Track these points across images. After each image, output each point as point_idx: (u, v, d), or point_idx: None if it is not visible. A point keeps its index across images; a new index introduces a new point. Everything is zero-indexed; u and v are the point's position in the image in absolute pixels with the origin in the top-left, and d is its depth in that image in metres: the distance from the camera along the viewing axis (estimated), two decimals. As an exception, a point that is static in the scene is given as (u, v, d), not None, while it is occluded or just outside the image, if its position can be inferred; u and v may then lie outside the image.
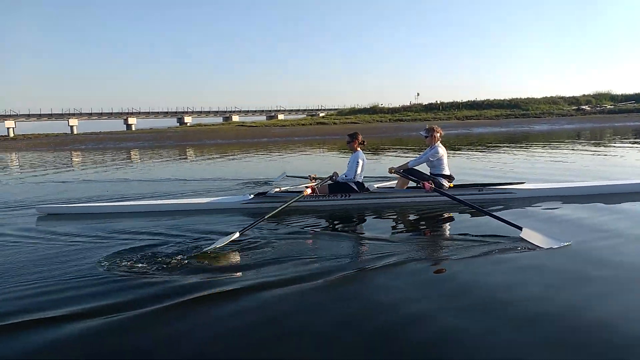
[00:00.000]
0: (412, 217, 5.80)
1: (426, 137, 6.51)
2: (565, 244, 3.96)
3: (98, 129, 60.29)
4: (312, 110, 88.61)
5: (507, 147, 18.15)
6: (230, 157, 18.86)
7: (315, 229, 5.22)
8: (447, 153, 6.48)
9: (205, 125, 57.27)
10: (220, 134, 41.03)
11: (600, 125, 37.74)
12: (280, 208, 5.21)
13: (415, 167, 6.36)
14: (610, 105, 53.15)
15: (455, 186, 6.47)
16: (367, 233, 5.02)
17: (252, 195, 6.54)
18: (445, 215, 5.72)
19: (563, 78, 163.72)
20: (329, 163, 14.58)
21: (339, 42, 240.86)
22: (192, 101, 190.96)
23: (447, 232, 5.00)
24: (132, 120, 77.11)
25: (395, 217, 5.77)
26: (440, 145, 6.43)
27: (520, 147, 17.90)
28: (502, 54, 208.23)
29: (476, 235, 4.50)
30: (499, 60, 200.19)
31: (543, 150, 15.59)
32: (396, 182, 6.64)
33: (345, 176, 6.52)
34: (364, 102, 62.25)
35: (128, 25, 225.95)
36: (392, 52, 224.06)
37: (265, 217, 4.90)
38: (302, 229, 5.22)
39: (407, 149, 19.38)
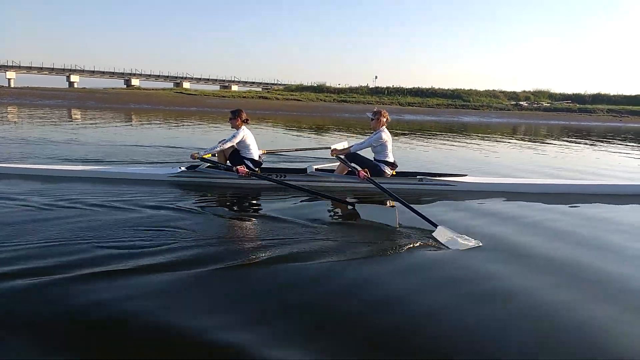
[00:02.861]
0: (342, 204, 5.56)
1: (372, 119, 6.24)
2: (475, 245, 3.89)
3: (38, 85, 57.52)
4: (267, 84, 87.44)
5: (423, 136, 18.36)
6: (138, 123, 18.26)
7: (234, 212, 5.15)
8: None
9: (143, 89, 55.53)
10: (153, 99, 39.74)
11: (527, 121, 38.91)
12: (296, 186, 5.19)
13: (357, 152, 6.10)
14: (547, 103, 54.79)
15: (398, 174, 6.28)
16: (286, 220, 4.56)
17: (182, 168, 6.23)
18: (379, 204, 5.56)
19: (514, 73, 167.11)
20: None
21: (305, 17, 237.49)
22: (142, 64, 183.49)
23: (369, 223, 4.65)
24: (74, 78, 73.89)
25: (326, 202, 5.46)
26: (385, 130, 6.16)
27: (432, 137, 18.11)
28: (467, 43, 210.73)
29: (395, 229, 4.34)
30: (464, 49, 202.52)
31: (461, 143, 15.82)
32: (338, 164, 6.28)
33: (217, 147, 6.12)
34: (323, 80, 61.28)
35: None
36: (361, 31, 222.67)
37: (326, 195, 4.94)
38: (212, 211, 5.05)
39: (338, 130, 19.28)
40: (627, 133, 26.01)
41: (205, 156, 5.98)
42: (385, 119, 6.21)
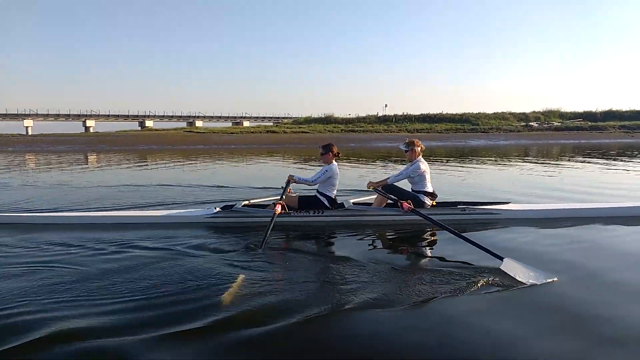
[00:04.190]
0: (388, 239, 5.39)
1: (406, 151, 6.13)
2: (550, 280, 3.55)
3: (54, 131, 59.21)
4: (278, 118, 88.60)
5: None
6: (142, 164, 18.50)
7: (283, 253, 4.79)
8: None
9: (154, 130, 56.76)
10: (162, 139, 40.38)
11: (536, 142, 38.49)
12: (268, 232, 4.73)
13: (395, 184, 5.99)
14: (558, 122, 54.30)
15: (438, 204, 6.10)
16: (338, 259, 4.36)
17: (217, 209, 6.08)
18: (424, 238, 5.36)
19: (525, 93, 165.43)
20: (226, 175, 14.31)
21: (314, 50, 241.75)
22: (156, 105, 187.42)
23: (423, 260, 4.51)
24: (90, 123, 75.67)
25: (370, 238, 5.32)
26: (422, 160, 6.05)
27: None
28: (478, 66, 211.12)
29: (454, 264, 4.09)
30: (475, 72, 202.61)
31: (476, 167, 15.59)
32: (374, 197, 6.17)
33: (309, 180, 6.06)
34: (332, 111, 61.95)
35: (85, 25, 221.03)
36: (371, 61, 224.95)
37: (262, 246, 4.54)
38: (270, 252, 4.71)
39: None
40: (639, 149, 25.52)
41: (296, 182, 6.15)
42: (419, 149, 6.10)
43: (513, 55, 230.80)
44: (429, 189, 5.99)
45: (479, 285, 3.48)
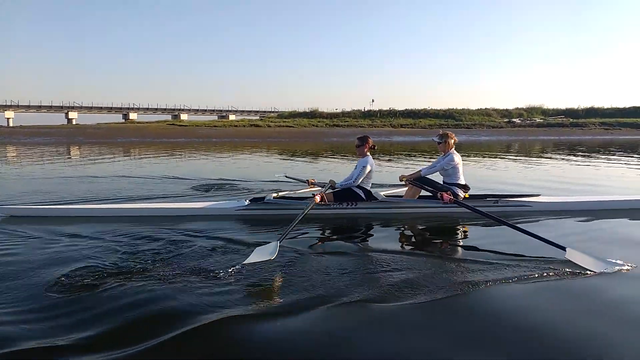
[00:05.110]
0: (427, 230, 5.33)
1: (439, 143, 6.14)
2: (619, 267, 3.43)
3: (37, 123, 58.42)
4: (264, 112, 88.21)
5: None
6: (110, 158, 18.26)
7: (317, 243, 4.64)
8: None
9: (137, 123, 56.19)
10: (143, 132, 40.08)
11: (517, 138, 38.90)
12: (301, 216, 4.57)
13: (428, 176, 6.00)
14: (541, 119, 54.86)
15: (471, 196, 6.07)
16: (377, 251, 4.22)
17: (247, 202, 5.99)
18: (462, 229, 5.30)
19: (509, 90, 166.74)
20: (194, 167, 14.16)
21: (304, 45, 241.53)
22: (140, 98, 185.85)
23: (476, 251, 4.26)
24: (73, 115, 74.64)
25: (408, 229, 5.28)
26: (455, 152, 6.05)
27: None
28: (464, 62, 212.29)
29: (506, 254, 3.94)
30: (461, 68, 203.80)
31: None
32: (405, 190, 6.16)
33: (346, 181, 6.00)
34: (318, 105, 61.91)
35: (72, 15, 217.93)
36: (359, 55, 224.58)
37: (294, 223, 4.35)
38: (304, 242, 4.56)
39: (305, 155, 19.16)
40: (618, 145, 25.90)
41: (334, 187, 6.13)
42: (453, 141, 6.12)
43: (500, 53, 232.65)
44: (462, 181, 5.99)
45: (548, 274, 3.39)
